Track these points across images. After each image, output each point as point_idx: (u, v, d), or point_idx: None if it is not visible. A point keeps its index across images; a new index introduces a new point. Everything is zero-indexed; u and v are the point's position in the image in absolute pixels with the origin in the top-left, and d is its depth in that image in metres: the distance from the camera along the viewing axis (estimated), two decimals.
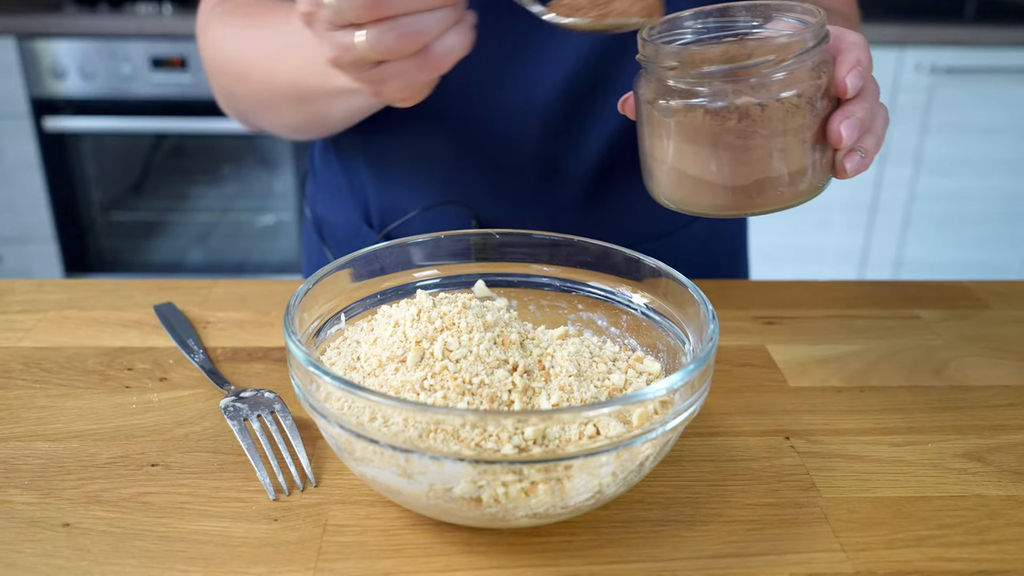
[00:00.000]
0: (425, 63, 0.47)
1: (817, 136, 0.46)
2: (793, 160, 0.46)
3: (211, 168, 2.09)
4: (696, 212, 0.49)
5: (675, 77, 0.45)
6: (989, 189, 2.11)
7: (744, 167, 0.46)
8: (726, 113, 0.44)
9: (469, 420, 0.38)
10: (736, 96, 0.44)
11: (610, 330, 0.54)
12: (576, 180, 0.71)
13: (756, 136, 0.45)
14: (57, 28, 1.87)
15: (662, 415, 0.41)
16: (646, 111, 0.48)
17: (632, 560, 0.41)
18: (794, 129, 0.45)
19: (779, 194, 0.47)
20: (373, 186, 0.75)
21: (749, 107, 0.44)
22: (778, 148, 0.45)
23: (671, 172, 0.48)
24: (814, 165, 0.47)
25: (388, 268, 0.53)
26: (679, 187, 0.49)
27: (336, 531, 0.43)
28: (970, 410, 0.55)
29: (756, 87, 0.44)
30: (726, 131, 0.45)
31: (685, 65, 0.45)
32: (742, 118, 0.44)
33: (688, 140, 0.46)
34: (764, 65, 0.44)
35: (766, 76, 0.44)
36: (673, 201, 0.50)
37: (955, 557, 0.42)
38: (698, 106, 0.45)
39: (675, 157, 0.47)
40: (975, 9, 2.17)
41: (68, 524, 0.43)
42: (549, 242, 0.54)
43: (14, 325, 0.63)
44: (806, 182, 0.47)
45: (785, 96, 0.44)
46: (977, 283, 0.74)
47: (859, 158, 0.47)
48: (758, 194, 0.47)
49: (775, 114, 0.44)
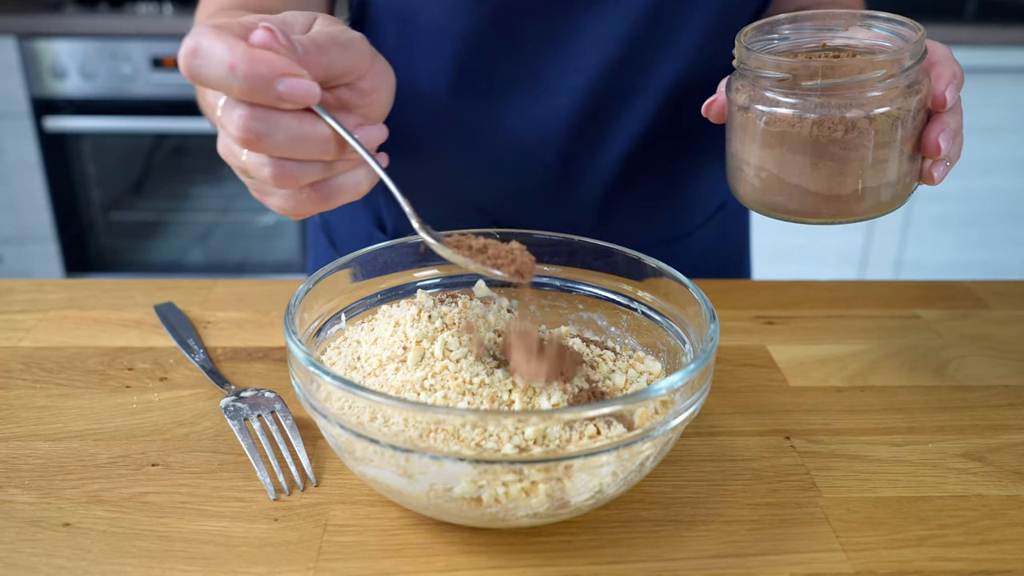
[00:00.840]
0: (308, 198, 0.44)
1: (912, 147, 0.47)
2: (888, 171, 0.47)
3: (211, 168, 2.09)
4: (785, 217, 0.50)
5: (780, 87, 0.46)
6: (989, 189, 2.11)
7: (846, 177, 0.47)
8: (832, 125, 0.45)
9: (469, 420, 0.38)
10: (844, 110, 0.45)
11: (610, 330, 0.54)
12: (592, 187, 0.71)
13: (860, 148, 0.46)
14: (57, 28, 1.87)
15: (662, 415, 0.41)
16: (743, 117, 0.49)
17: (632, 560, 0.41)
18: (893, 142, 0.46)
19: (872, 203, 0.48)
20: (386, 195, 0.75)
21: (857, 120, 0.45)
22: (879, 159, 0.47)
23: (768, 178, 0.49)
24: (904, 175, 0.48)
25: (388, 268, 0.53)
26: (773, 192, 0.49)
27: (336, 531, 0.43)
28: (970, 410, 0.55)
29: (861, 101, 0.45)
30: (832, 142, 0.46)
31: (798, 77, 0.46)
32: (848, 130, 0.45)
33: (790, 148, 0.47)
34: (872, 80, 0.45)
35: (872, 91, 0.45)
36: (763, 205, 0.51)
37: (955, 557, 0.42)
38: (804, 117, 0.46)
39: (773, 163, 0.48)
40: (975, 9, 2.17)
41: (68, 524, 0.43)
42: (549, 242, 0.54)
43: (14, 325, 0.63)
44: (895, 191, 0.48)
45: (888, 110, 0.45)
46: (977, 283, 0.74)
47: (945, 166, 0.48)
48: (855, 202, 0.48)
49: (880, 127, 0.45)
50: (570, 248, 0.54)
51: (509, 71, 0.66)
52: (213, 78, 0.39)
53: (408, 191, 0.73)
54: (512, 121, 0.68)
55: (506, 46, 0.65)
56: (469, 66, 0.65)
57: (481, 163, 0.71)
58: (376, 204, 0.76)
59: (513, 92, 0.67)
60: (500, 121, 0.68)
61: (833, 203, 0.48)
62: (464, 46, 0.64)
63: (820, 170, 0.47)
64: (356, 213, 0.78)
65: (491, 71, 0.66)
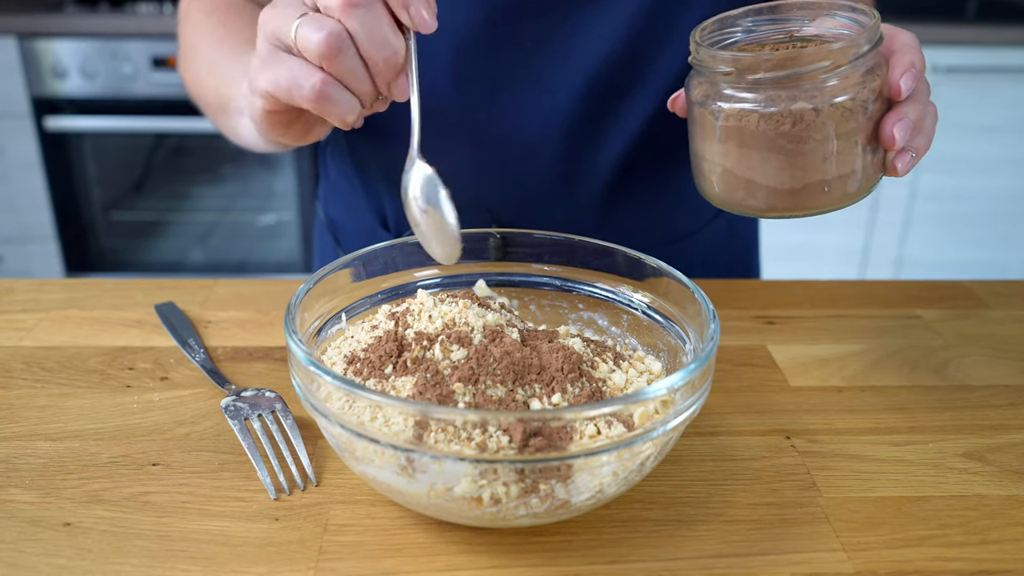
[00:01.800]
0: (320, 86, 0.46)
1: (869, 138, 0.47)
2: (846, 162, 0.46)
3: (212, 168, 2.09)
4: (747, 213, 0.50)
5: (729, 82, 0.46)
6: (990, 189, 2.11)
7: (797, 170, 0.46)
8: (780, 118, 0.45)
9: (470, 420, 0.38)
10: (791, 102, 0.45)
11: (611, 330, 0.54)
12: (593, 185, 0.71)
13: (810, 140, 0.45)
14: (58, 28, 1.87)
15: (663, 415, 0.41)
16: (698, 113, 0.48)
17: (633, 560, 0.41)
18: (847, 133, 0.46)
19: (831, 195, 0.48)
20: (388, 188, 0.75)
21: (804, 112, 0.45)
22: (831, 151, 0.46)
23: (723, 174, 0.49)
24: (866, 166, 0.47)
25: (389, 267, 0.53)
26: (731, 188, 0.49)
27: (337, 530, 0.43)
28: (971, 410, 0.55)
29: (811, 92, 0.44)
30: (780, 135, 0.45)
31: (740, 71, 0.45)
32: (796, 123, 0.45)
33: (741, 144, 0.47)
34: (819, 71, 0.44)
35: (821, 81, 0.44)
36: (725, 202, 0.50)
37: (956, 557, 0.42)
38: (752, 111, 0.45)
39: (727, 159, 0.48)
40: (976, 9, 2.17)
41: (69, 523, 0.43)
42: (550, 242, 0.54)
43: (15, 325, 0.63)
44: (858, 183, 0.48)
45: (839, 101, 0.45)
46: (978, 283, 0.74)
47: (910, 158, 0.47)
48: (810, 196, 0.47)
49: (829, 119, 0.45)
50: (570, 248, 0.54)
51: (509, 69, 0.66)
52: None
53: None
54: (512, 119, 0.68)
55: (506, 45, 0.65)
56: (469, 64, 0.66)
57: (482, 161, 0.71)
58: (380, 202, 0.76)
59: (513, 90, 0.67)
60: (500, 119, 0.68)
61: (788, 197, 0.48)
62: (464, 44, 0.64)
63: (772, 164, 0.46)
64: (360, 211, 0.78)
65: (491, 69, 0.66)
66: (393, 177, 0.75)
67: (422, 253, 0.54)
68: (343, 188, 0.80)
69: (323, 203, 0.84)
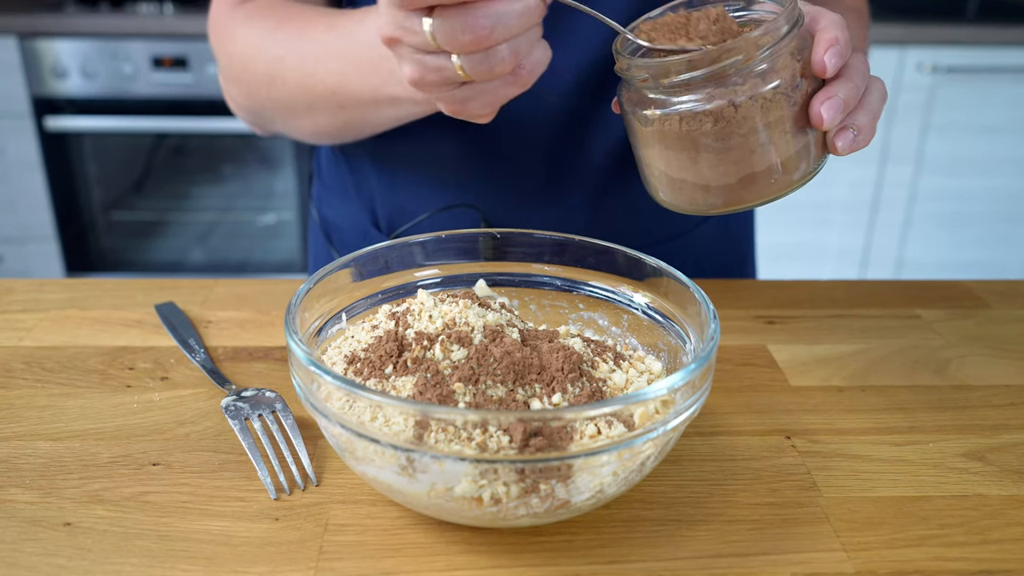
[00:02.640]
0: (516, 80, 0.47)
1: (801, 121, 0.46)
2: (779, 150, 0.46)
3: (212, 168, 2.09)
4: (693, 211, 0.49)
5: (649, 88, 0.46)
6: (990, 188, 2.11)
7: (728, 166, 0.46)
8: (701, 118, 0.44)
9: (470, 420, 0.38)
10: (709, 100, 0.44)
11: (611, 329, 0.54)
12: (585, 183, 0.71)
13: (734, 136, 0.45)
14: (58, 28, 1.87)
15: (663, 414, 0.41)
16: (629, 119, 0.48)
17: (633, 560, 0.41)
18: (774, 122, 0.45)
19: (771, 184, 0.47)
20: (380, 189, 0.75)
21: (723, 109, 0.44)
22: (761, 142, 0.45)
23: (661, 176, 0.49)
24: (804, 149, 0.47)
25: (389, 267, 0.53)
26: (671, 190, 0.49)
27: (337, 530, 0.43)
28: (971, 410, 0.55)
29: (729, 89, 0.44)
30: (703, 135, 0.45)
31: (655, 76, 0.45)
32: (718, 120, 0.44)
33: (669, 147, 0.47)
34: (734, 66, 0.43)
35: (738, 76, 0.44)
36: (670, 204, 0.50)
37: (956, 557, 0.42)
38: (673, 114, 0.45)
39: (661, 162, 0.48)
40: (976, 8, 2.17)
41: (69, 523, 0.43)
42: (550, 241, 0.54)
43: (15, 324, 0.63)
44: (798, 168, 0.47)
45: (760, 92, 0.44)
46: (978, 282, 0.74)
47: (852, 135, 0.46)
48: (748, 189, 0.47)
49: (751, 111, 0.44)
50: (570, 248, 0.54)
51: None
52: None
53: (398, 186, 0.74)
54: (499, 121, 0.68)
55: None
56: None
57: (470, 160, 0.71)
58: (371, 202, 0.76)
59: None
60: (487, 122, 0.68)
61: (728, 193, 0.47)
62: None
63: (701, 164, 0.46)
64: (352, 211, 0.78)
65: None
66: (385, 177, 0.75)
67: (422, 253, 0.54)
68: (336, 188, 0.80)
69: (317, 203, 0.84)
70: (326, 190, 0.82)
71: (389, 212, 0.75)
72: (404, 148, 0.72)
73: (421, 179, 0.73)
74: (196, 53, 1.91)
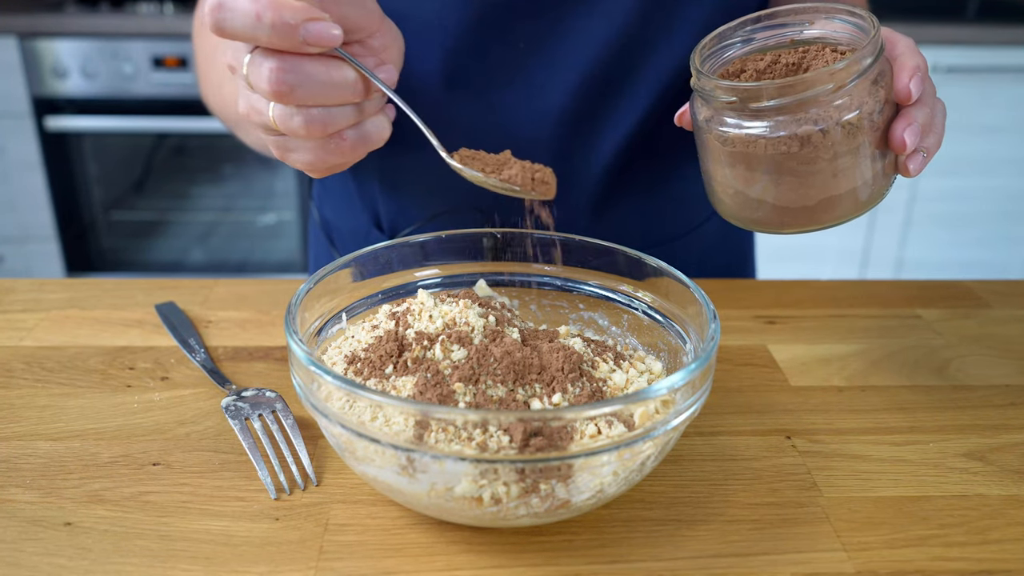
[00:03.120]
0: (337, 148, 0.47)
1: (879, 144, 0.46)
2: (857, 174, 0.46)
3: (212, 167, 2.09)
4: (761, 230, 0.50)
5: (733, 109, 0.46)
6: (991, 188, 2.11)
7: (809, 189, 0.46)
8: (788, 142, 0.45)
9: (470, 419, 0.38)
10: (797, 126, 0.44)
11: (611, 329, 0.54)
12: (587, 185, 0.71)
13: (819, 161, 0.45)
14: (58, 28, 1.87)
15: (663, 414, 0.41)
16: (704, 137, 0.48)
17: (633, 559, 0.41)
18: (856, 147, 0.45)
19: (845, 207, 0.48)
20: (382, 192, 0.75)
21: (811, 135, 0.44)
22: (842, 167, 0.46)
23: (735, 195, 0.49)
24: (877, 173, 0.47)
25: (389, 267, 0.53)
26: (744, 209, 0.49)
27: (337, 530, 0.43)
28: (971, 409, 0.55)
29: (816, 115, 0.44)
30: (788, 158, 0.45)
31: (744, 100, 0.45)
32: (804, 145, 0.45)
33: (749, 167, 0.47)
34: (823, 94, 0.44)
35: (826, 103, 0.44)
36: (738, 219, 0.51)
37: (956, 557, 0.42)
38: (759, 137, 0.45)
39: (737, 181, 0.48)
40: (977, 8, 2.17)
41: (70, 523, 0.43)
42: (550, 241, 0.54)
43: (16, 324, 0.63)
44: (870, 190, 0.48)
45: (846, 119, 0.44)
46: (978, 282, 0.74)
47: (922, 158, 0.47)
48: (824, 211, 0.47)
49: (837, 137, 0.45)
50: (571, 247, 0.54)
51: (500, 69, 0.66)
52: (240, 29, 0.41)
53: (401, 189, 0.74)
54: (504, 119, 0.68)
55: (497, 45, 0.65)
56: (460, 64, 0.66)
57: None
58: (373, 203, 0.76)
59: (505, 90, 0.67)
60: (492, 120, 0.68)
61: (801, 214, 0.48)
62: (455, 44, 0.64)
63: (783, 186, 0.47)
64: (354, 212, 0.78)
65: (482, 69, 0.66)
66: (387, 178, 0.75)
67: (423, 253, 0.54)
68: (337, 189, 0.80)
69: (317, 204, 0.84)
70: (327, 192, 0.82)
71: (391, 214, 0.75)
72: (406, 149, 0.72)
73: (424, 182, 0.73)
74: None
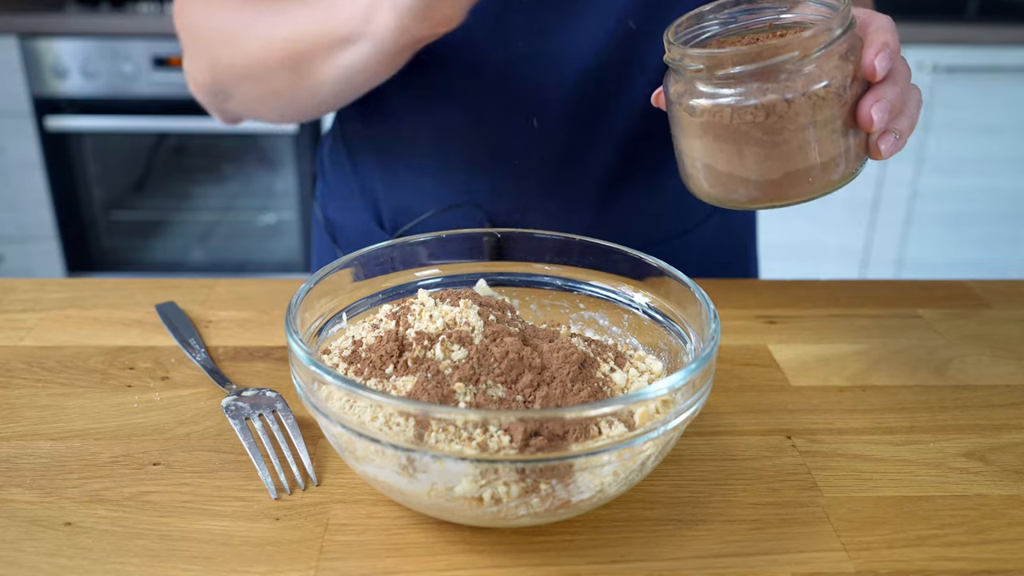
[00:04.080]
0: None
1: (848, 121, 0.46)
2: (825, 149, 0.46)
3: (213, 167, 2.09)
4: (732, 206, 0.50)
5: (701, 79, 0.46)
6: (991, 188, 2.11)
7: (775, 161, 0.46)
8: (754, 111, 0.45)
9: (471, 419, 0.38)
10: (762, 94, 0.45)
11: (612, 329, 0.54)
12: (590, 180, 0.71)
13: (784, 131, 0.45)
14: (59, 27, 1.88)
15: (664, 414, 0.41)
16: (676, 110, 0.49)
17: (633, 559, 0.41)
18: (823, 120, 0.45)
19: (813, 183, 0.47)
20: (384, 187, 0.75)
21: (776, 104, 0.44)
22: (808, 140, 0.46)
23: (704, 169, 0.49)
24: (847, 151, 0.47)
25: (390, 267, 0.53)
26: (713, 183, 0.49)
27: (338, 530, 0.43)
28: (972, 409, 0.55)
29: (782, 83, 0.44)
30: (754, 128, 0.45)
31: (711, 67, 0.45)
32: (769, 115, 0.45)
33: (717, 138, 0.47)
34: (789, 61, 0.44)
35: (792, 72, 0.44)
36: (709, 196, 0.51)
37: (956, 556, 0.42)
38: (725, 106, 0.45)
39: (706, 154, 0.48)
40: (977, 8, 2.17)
41: (70, 523, 0.43)
42: (551, 241, 0.54)
43: (16, 324, 0.63)
44: (840, 168, 0.48)
45: (813, 89, 0.44)
46: (979, 282, 0.74)
47: (893, 139, 0.47)
48: (791, 186, 0.47)
49: (803, 108, 0.45)
50: (571, 247, 0.54)
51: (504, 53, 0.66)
52: None
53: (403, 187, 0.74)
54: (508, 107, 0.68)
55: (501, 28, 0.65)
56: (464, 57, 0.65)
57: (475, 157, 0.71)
58: (375, 202, 0.76)
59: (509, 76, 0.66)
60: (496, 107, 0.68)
61: (770, 188, 0.48)
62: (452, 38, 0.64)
63: (747, 157, 0.47)
64: (357, 211, 0.78)
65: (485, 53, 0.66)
66: (389, 177, 0.75)
67: (423, 253, 0.54)
68: (340, 188, 0.80)
69: (320, 203, 0.84)
70: (330, 190, 0.82)
71: (393, 211, 0.75)
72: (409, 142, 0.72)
73: (425, 178, 0.73)
74: None
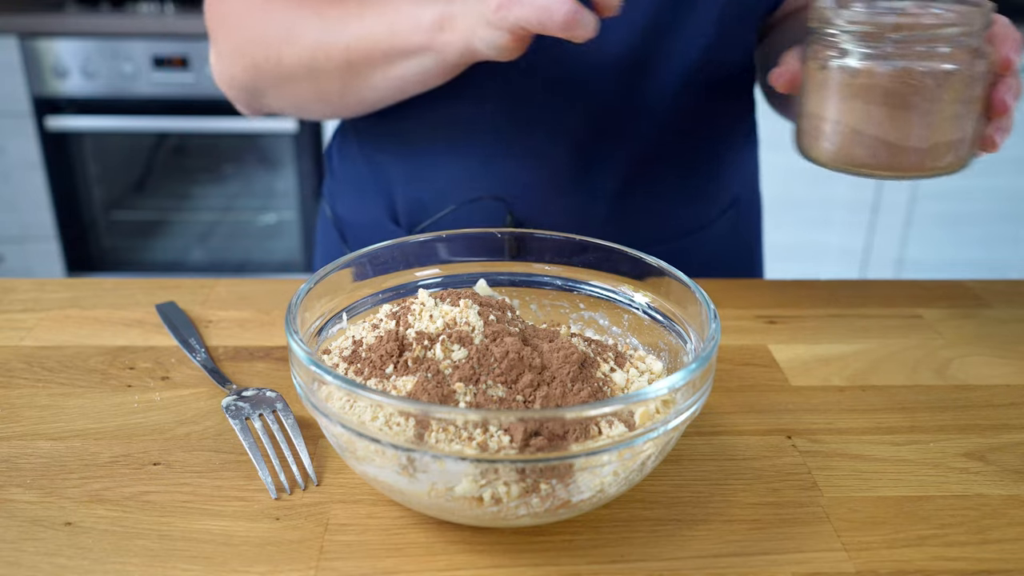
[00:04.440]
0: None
1: (981, 108, 0.50)
2: (963, 127, 0.49)
3: (213, 167, 2.09)
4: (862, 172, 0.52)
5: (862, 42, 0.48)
6: (991, 188, 2.11)
7: (921, 129, 0.49)
8: (911, 76, 0.48)
9: (471, 419, 0.38)
10: (922, 61, 0.47)
11: (612, 329, 0.54)
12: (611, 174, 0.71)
13: (938, 101, 0.48)
14: (59, 27, 1.88)
15: (664, 414, 0.41)
16: (821, 75, 0.51)
17: (633, 559, 0.41)
18: (969, 99, 0.49)
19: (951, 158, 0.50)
20: (401, 180, 0.74)
21: (935, 72, 0.47)
22: (954, 114, 0.49)
23: (847, 132, 0.51)
24: (975, 135, 0.50)
25: (390, 267, 0.53)
26: (852, 146, 0.51)
27: (338, 530, 0.43)
28: (972, 409, 0.55)
29: (940, 56, 0.47)
30: (911, 91, 0.48)
31: (878, 30, 0.48)
32: (935, 81, 0.48)
33: (868, 100, 0.49)
34: (952, 36, 0.47)
35: (948, 46, 0.47)
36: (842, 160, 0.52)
37: (957, 556, 0.42)
38: (883, 69, 0.48)
39: (852, 117, 0.50)
40: None
41: (70, 523, 0.43)
42: (551, 241, 0.54)
43: (16, 324, 0.63)
44: (966, 151, 0.51)
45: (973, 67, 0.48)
46: (979, 282, 0.74)
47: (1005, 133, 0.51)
48: (933, 157, 0.50)
49: (960, 82, 0.48)
50: (571, 247, 0.54)
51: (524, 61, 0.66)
52: None
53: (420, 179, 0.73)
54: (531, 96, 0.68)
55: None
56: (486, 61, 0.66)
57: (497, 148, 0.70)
58: (390, 196, 0.76)
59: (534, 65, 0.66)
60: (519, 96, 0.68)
61: (908, 155, 0.50)
62: None
63: (897, 120, 0.49)
64: (369, 206, 0.77)
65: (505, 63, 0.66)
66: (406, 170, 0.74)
67: (423, 252, 0.54)
68: (351, 183, 0.79)
69: (329, 200, 0.83)
70: (339, 186, 0.81)
71: (409, 205, 0.74)
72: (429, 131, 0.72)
73: (444, 170, 0.72)
74: (197, 53, 1.91)
